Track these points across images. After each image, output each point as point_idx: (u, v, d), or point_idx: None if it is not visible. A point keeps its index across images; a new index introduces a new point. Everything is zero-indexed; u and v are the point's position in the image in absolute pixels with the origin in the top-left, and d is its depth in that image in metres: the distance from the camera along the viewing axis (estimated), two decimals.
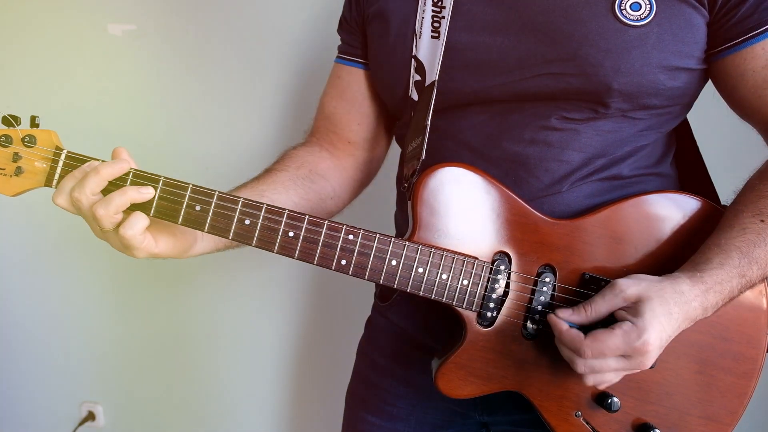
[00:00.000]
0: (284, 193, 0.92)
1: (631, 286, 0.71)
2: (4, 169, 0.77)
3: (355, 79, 1.00)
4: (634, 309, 0.70)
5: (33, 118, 0.77)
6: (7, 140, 0.76)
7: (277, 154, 1.02)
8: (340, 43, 1.02)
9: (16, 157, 0.76)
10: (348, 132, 1.02)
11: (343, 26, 1.01)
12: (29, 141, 0.76)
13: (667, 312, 0.69)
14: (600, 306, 0.73)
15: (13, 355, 1.86)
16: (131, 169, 0.76)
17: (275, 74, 1.48)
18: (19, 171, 0.77)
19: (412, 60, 0.86)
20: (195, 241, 0.84)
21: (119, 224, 0.74)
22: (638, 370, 0.71)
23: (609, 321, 0.72)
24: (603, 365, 0.70)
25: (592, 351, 0.69)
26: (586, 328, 0.72)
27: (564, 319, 0.74)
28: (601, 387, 0.75)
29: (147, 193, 0.74)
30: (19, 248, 1.75)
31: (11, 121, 0.76)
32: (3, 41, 1.59)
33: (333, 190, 1.01)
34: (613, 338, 0.68)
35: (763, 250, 0.72)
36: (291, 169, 0.96)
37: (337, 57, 1.02)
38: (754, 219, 0.74)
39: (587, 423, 0.79)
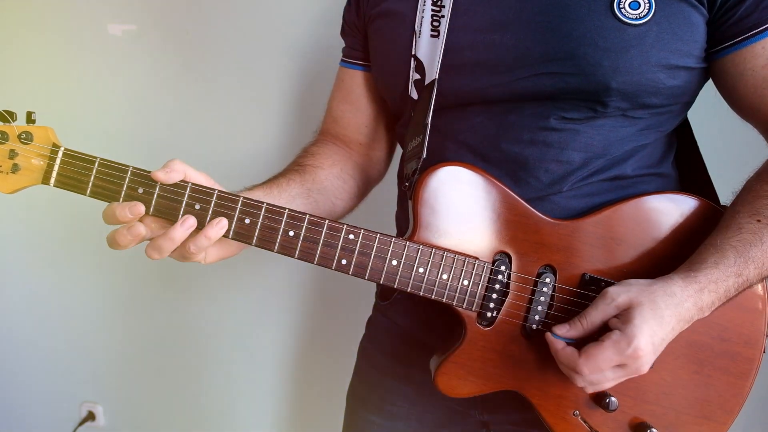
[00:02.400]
0: (324, 194, 0.94)
1: (621, 294, 0.72)
2: (0, 167, 0.76)
3: (358, 82, 1.01)
4: (624, 316, 0.70)
5: (29, 114, 0.76)
6: (3, 137, 0.75)
7: (277, 153, 1.02)
8: (341, 44, 1.03)
9: (12, 154, 0.75)
10: (358, 135, 1.04)
11: (345, 30, 1.02)
12: (26, 138, 0.75)
13: (659, 316, 0.69)
14: (594, 317, 0.73)
15: (13, 355, 1.86)
16: (129, 167, 0.76)
17: (276, 74, 1.48)
18: (15, 168, 0.76)
19: (412, 59, 0.86)
20: (238, 249, 0.85)
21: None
22: (636, 375, 0.71)
23: (606, 329, 0.72)
24: (601, 378, 0.71)
25: (589, 369, 0.70)
26: (584, 338, 0.73)
27: (561, 336, 0.75)
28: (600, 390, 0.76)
29: (192, 225, 0.75)
30: (18, 248, 1.75)
31: (7, 117, 0.75)
32: (3, 41, 1.59)
33: (359, 188, 1.03)
34: (605, 351, 0.69)
35: (759, 249, 0.72)
36: (326, 166, 0.98)
37: (341, 60, 1.04)
38: (750, 219, 0.74)
39: (585, 422, 0.80)
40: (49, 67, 1.58)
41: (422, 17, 0.85)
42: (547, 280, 0.79)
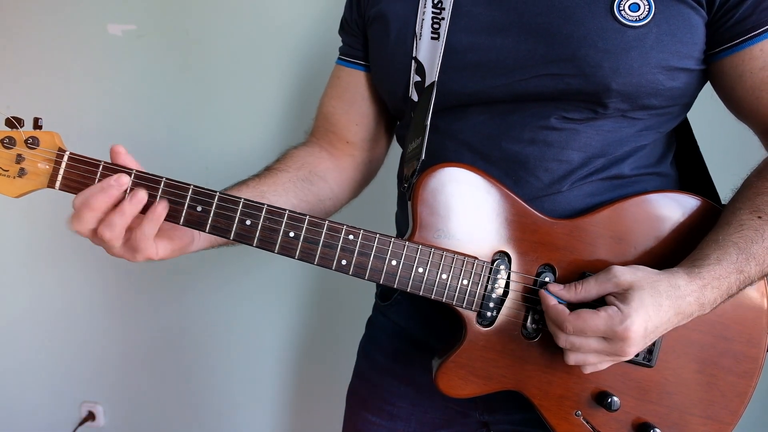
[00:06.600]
0: (284, 195, 0.93)
1: (625, 274, 0.71)
2: (7, 171, 0.77)
3: (355, 80, 1.00)
4: (623, 296, 0.70)
5: (36, 120, 0.77)
6: (11, 142, 0.76)
7: (277, 154, 1.02)
8: (340, 43, 1.03)
9: (19, 158, 0.77)
10: (346, 132, 1.03)
11: (344, 28, 1.01)
12: (32, 143, 0.76)
13: (657, 303, 0.69)
14: (591, 287, 0.73)
15: (12, 355, 1.86)
16: (133, 170, 0.76)
17: (275, 74, 1.48)
18: (22, 172, 0.77)
19: (412, 61, 0.86)
20: (192, 240, 0.85)
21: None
22: (621, 358, 0.72)
23: (599, 304, 0.72)
24: (583, 343, 0.70)
25: (574, 327, 0.70)
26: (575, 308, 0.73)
27: (553, 293, 0.75)
28: (586, 370, 0.75)
29: (142, 199, 0.75)
30: (18, 248, 1.75)
31: (14, 122, 0.76)
32: (3, 41, 1.59)
33: (331, 190, 1.01)
34: (596, 319, 0.69)
35: (760, 246, 0.72)
36: (291, 169, 0.97)
37: (338, 58, 1.03)
38: (751, 216, 0.75)
39: (587, 422, 0.80)
40: (49, 66, 1.58)
41: (423, 19, 0.85)
42: (547, 279, 0.79)
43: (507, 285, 0.79)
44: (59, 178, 0.77)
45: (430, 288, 0.78)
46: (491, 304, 0.79)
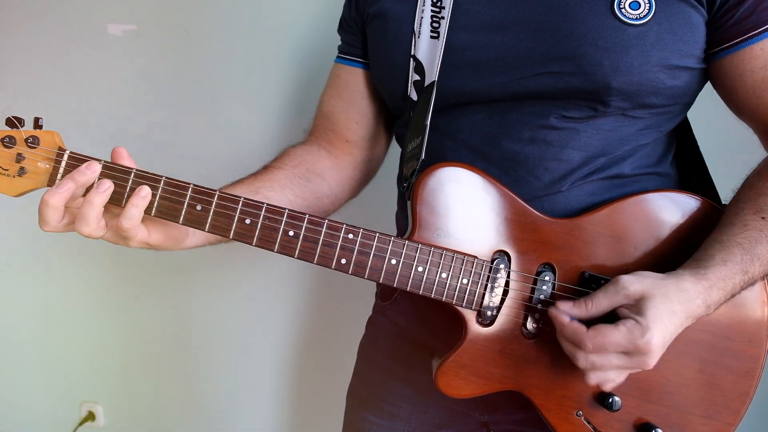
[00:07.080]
0: (280, 191, 0.93)
1: (634, 283, 0.70)
2: (7, 170, 0.77)
3: (354, 78, 1.00)
4: (636, 307, 0.69)
5: (36, 120, 0.77)
6: (11, 141, 0.77)
7: (277, 153, 1.02)
8: (340, 42, 1.03)
9: (19, 157, 0.77)
10: (346, 131, 1.03)
11: (343, 26, 1.02)
12: (32, 142, 0.77)
13: (670, 310, 0.68)
14: (601, 301, 0.72)
15: (12, 355, 1.86)
16: (133, 169, 0.76)
17: (275, 74, 1.48)
18: (22, 171, 0.77)
19: (411, 60, 0.86)
20: (188, 234, 0.85)
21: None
22: (640, 369, 0.71)
23: (609, 317, 0.72)
24: (604, 361, 0.69)
25: (594, 344, 0.68)
26: (587, 324, 0.71)
27: (564, 312, 0.73)
28: (606, 387, 0.73)
29: (108, 188, 0.75)
30: (18, 247, 1.75)
31: (15, 122, 0.77)
32: (3, 40, 1.59)
33: (330, 188, 1.01)
34: (617, 334, 0.67)
35: (764, 246, 0.72)
36: (288, 167, 0.97)
37: (337, 57, 1.03)
38: (755, 216, 0.75)
39: (588, 422, 0.79)
40: (49, 66, 1.58)
41: (422, 17, 0.85)
42: (547, 278, 0.79)
43: (507, 284, 0.79)
44: (59, 177, 0.77)
45: (430, 287, 0.78)
46: (491, 304, 0.79)
